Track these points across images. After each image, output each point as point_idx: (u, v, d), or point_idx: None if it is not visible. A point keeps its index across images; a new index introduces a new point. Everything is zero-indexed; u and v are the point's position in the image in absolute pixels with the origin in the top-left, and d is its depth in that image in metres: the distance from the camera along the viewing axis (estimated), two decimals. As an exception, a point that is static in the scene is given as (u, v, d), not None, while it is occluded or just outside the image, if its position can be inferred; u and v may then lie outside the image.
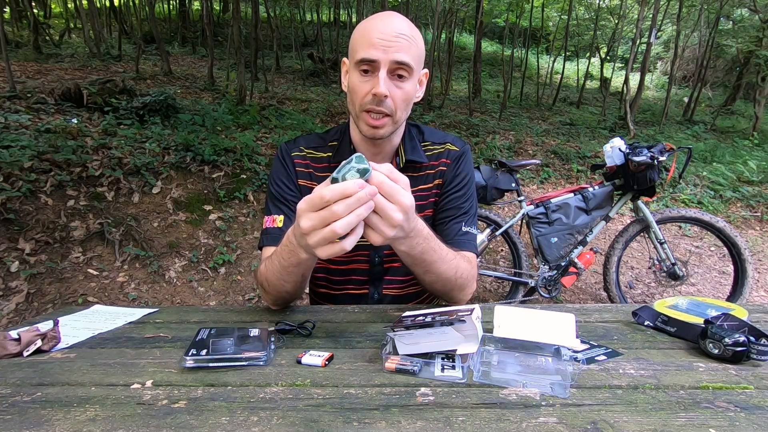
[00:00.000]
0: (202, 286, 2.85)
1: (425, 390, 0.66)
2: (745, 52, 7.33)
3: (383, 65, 0.85)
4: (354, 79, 0.90)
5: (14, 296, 2.40)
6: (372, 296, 1.06)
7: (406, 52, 0.86)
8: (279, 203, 1.01)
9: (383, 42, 0.85)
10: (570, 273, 2.65)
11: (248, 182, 3.64)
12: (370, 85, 0.87)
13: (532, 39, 10.35)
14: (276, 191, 1.01)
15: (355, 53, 0.88)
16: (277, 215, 0.99)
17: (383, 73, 0.85)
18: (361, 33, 0.88)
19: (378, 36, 0.85)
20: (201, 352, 0.74)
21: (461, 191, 1.04)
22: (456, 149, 1.05)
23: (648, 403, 0.62)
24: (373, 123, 0.89)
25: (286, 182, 1.01)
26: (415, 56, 0.88)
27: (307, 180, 1.03)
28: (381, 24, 0.87)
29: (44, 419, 0.59)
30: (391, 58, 0.85)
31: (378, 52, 0.85)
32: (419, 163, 1.01)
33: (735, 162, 5.10)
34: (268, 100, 5.89)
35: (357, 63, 0.88)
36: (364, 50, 0.86)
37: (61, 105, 4.07)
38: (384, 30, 0.85)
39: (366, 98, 0.88)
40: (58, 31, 7.77)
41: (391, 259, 1.03)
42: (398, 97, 0.89)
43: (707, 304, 0.95)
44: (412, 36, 0.88)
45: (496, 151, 5.02)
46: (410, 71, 0.88)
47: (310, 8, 10.69)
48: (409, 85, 0.90)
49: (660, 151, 2.43)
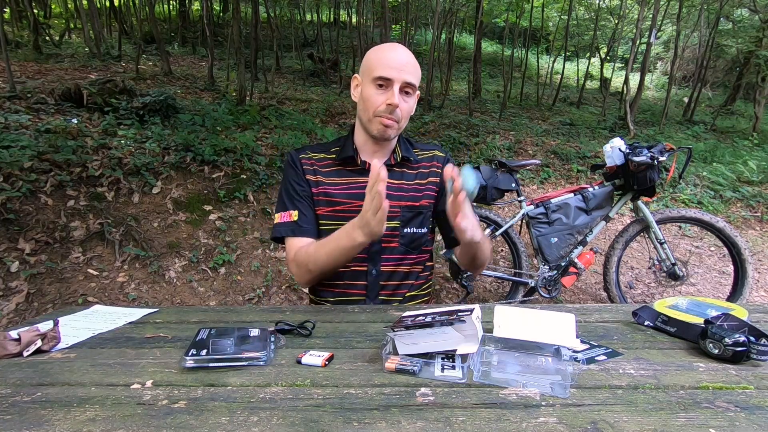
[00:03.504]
0: (202, 286, 2.85)
1: (425, 390, 0.66)
2: (745, 52, 7.33)
3: (397, 83, 1.09)
4: (370, 92, 1.12)
5: (14, 296, 2.40)
6: (371, 272, 1.19)
7: (413, 75, 1.12)
8: (294, 200, 1.19)
9: (398, 66, 1.09)
10: (570, 273, 2.65)
11: (248, 182, 3.64)
12: (385, 97, 1.10)
13: (532, 39, 10.34)
14: (291, 189, 1.20)
15: (372, 71, 1.11)
16: (292, 210, 1.18)
17: (397, 89, 1.09)
18: (378, 56, 1.12)
19: (394, 61, 1.10)
20: (201, 352, 0.74)
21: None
22: (442, 155, 1.29)
23: (648, 403, 0.62)
24: (386, 123, 1.12)
25: (298, 180, 1.20)
26: (417, 79, 1.14)
27: (311, 175, 1.21)
28: (395, 52, 1.12)
29: (44, 419, 0.59)
30: (403, 78, 1.09)
31: (394, 72, 1.09)
32: (410, 160, 1.24)
33: (735, 162, 5.09)
34: (268, 100, 5.89)
35: (374, 79, 1.10)
36: (383, 70, 1.09)
37: (61, 105, 4.06)
38: (397, 57, 1.11)
39: (381, 107, 1.11)
40: (58, 31, 7.76)
41: (388, 239, 1.19)
42: (405, 109, 1.13)
43: (707, 304, 0.95)
44: (416, 64, 1.14)
45: (496, 151, 5.02)
46: (414, 90, 1.14)
47: (310, 8, 10.69)
48: (413, 101, 1.16)
49: (660, 151, 2.43)
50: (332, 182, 1.19)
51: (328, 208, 1.19)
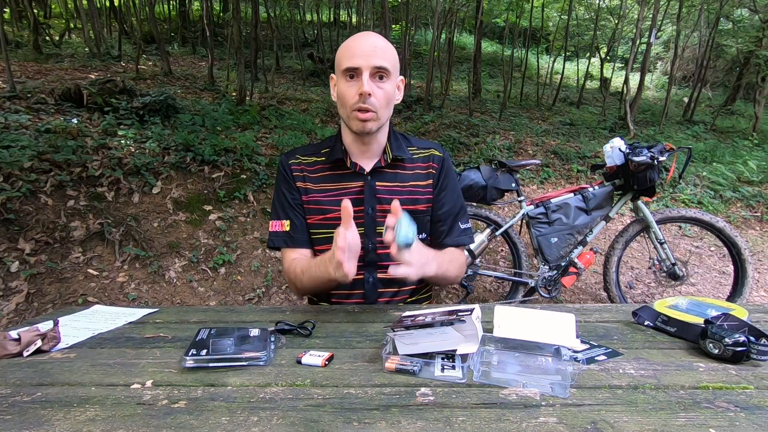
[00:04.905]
0: (202, 286, 2.85)
1: (425, 390, 0.66)
2: (745, 52, 7.32)
3: (365, 70, 1.03)
4: (341, 86, 1.07)
5: (14, 296, 2.40)
6: (368, 280, 1.17)
7: (383, 58, 1.04)
8: (286, 209, 1.17)
9: (364, 52, 1.03)
10: (570, 273, 2.65)
11: (248, 182, 3.64)
12: (356, 88, 1.04)
13: (532, 39, 10.33)
14: (282, 198, 1.18)
15: (340, 65, 1.07)
16: (284, 220, 1.17)
17: (366, 76, 1.03)
18: (345, 49, 1.07)
19: (359, 48, 1.04)
20: (201, 352, 0.74)
21: (454, 190, 1.23)
22: (440, 155, 1.22)
23: (648, 403, 0.62)
24: (362, 117, 1.05)
25: (289, 189, 1.18)
26: (391, 62, 1.06)
27: (301, 182, 1.18)
28: (360, 40, 1.07)
29: (44, 419, 0.59)
30: (371, 64, 1.03)
31: (360, 60, 1.03)
32: (404, 159, 1.18)
33: (735, 162, 5.09)
34: (268, 100, 5.89)
35: (343, 72, 1.05)
36: (349, 60, 1.04)
37: (61, 105, 4.06)
38: (363, 44, 1.05)
39: (353, 99, 1.05)
40: (58, 31, 7.76)
41: (383, 246, 1.16)
42: (380, 96, 1.06)
43: (707, 304, 0.95)
44: (386, 46, 1.07)
45: (496, 151, 5.02)
46: (388, 74, 1.06)
47: (310, 8, 10.68)
48: (389, 86, 1.07)
49: (660, 151, 2.43)
50: (321, 189, 1.16)
51: (318, 216, 1.16)
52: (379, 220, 1.14)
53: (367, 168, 1.15)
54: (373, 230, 1.14)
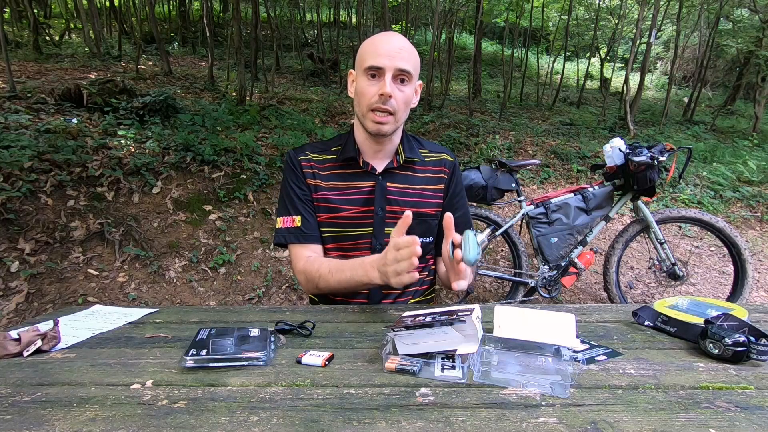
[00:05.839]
0: (202, 286, 2.85)
1: (425, 390, 0.66)
2: (745, 52, 7.32)
3: (389, 71, 1.02)
4: (362, 83, 1.06)
5: (14, 296, 2.40)
6: None
7: (407, 62, 1.04)
8: (296, 204, 1.14)
9: (389, 53, 1.02)
10: (570, 273, 2.65)
11: (248, 182, 3.64)
12: (377, 87, 1.03)
13: (532, 39, 10.34)
14: (292, 193, 1.15)
15: (363, 62, 1.05)
16: (295, 215, 1.14)
17: (389, 77, 1.02)
18: (370, 46, 1.06)
19: (384, 48, 1.03)
20: (201, 352, 0.74)
21: (464, 196, 1.25)
22: (452, 160, 1.22)
23: (648, 403, 0.62)
24: (379, 119, 1.05)
25: (299, 184, 1.15)
26: (413, 66, 1.06)
27: (311, 179, 1.16)
28: (386, 39, 1.05)
29: (44, 419, 0.59)
30: (395, 66, 1.02)
31: (385, 60, 1.02)
32: (415, 161, 1.17)
33: (735, 162, 5.09)
34: (268, 100, 5.89)
35: (366, 69, 1.04)
36: (373, 59, 1.03)
37: (61, 105, 4.06)
38: (389, 44, 1.04)
39: (373, 98, 1.04)
40: (58, 31, 7.75)
41: None
42: (400, 99, 1.05)
43: (707, 304, 0.95)
44: (411, 50, 1.06)
45: (496, 151, 5.02)
46: (410, 77, 1.05)
47: (310, 8, 10.68)
48: (409, 89, 1.07)
49: (660, 151, 2.43)
50: (332, 187, 1.14)
51: (328, 215, 1.14)
52: (388, 221, 1.13)
53: (379, 168, 1.14)
54: (381, 231, 1.14)
